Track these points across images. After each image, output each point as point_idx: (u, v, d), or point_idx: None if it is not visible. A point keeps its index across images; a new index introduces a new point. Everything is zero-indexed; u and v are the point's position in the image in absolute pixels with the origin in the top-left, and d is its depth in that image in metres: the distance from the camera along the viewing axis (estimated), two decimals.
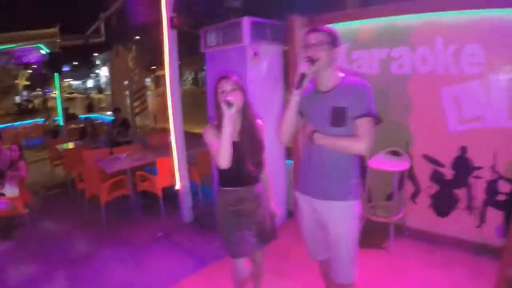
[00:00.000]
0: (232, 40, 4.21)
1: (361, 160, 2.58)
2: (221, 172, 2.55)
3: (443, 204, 4.01)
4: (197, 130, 7.26)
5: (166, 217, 5.25)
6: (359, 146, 2.18)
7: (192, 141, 5.17)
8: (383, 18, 4.06)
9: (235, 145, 2.40)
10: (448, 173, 3.93)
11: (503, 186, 3.60)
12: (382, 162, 4.00)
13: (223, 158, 2.33)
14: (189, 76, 35.15)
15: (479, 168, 3.71)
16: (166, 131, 5.04)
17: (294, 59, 4.43)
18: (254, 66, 4.20)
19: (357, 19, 4.23)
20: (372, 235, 4.09)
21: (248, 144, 2.53)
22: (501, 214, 3.65)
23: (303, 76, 2.21)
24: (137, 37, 12.85)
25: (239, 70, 4.13)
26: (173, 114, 4.71)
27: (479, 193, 3.76)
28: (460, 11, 3.60)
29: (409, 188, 4.19)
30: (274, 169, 4.44)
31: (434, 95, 3.85)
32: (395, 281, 3.41)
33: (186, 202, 4.97)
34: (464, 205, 3.86)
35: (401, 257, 3.80)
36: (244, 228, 2.60)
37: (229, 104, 2.30)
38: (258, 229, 2.64)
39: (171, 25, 4.47)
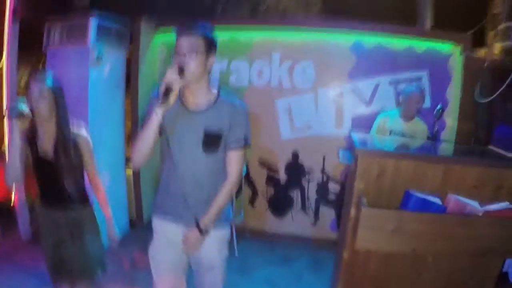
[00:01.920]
0: (76, 40, 3.68)
1: None
2: (39, 189, 2.19)
3: (279, 205, 4.21)
4: None
5: (3, 236, 4.20)
6: (235, 186, 1.96)
7: None
8: (226, 32, 4.01)
9: (46, 162, 2.02)
10: (282, 177, 4.14)
11: (332, 186, 3.95)
12: None
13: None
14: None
15: (310, 171, 4.00)
16: None
17: (137, 66, 4.12)
18: (96, 70, 3.72)
19: None
20: None
21: (62, 161, 2.05)
22: (332, 211, 3.95)
23: (168, 89, 1.68)
24: None
25: (80, 73, 3.66)
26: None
27: (312, 194, 4.05)
28: (295, 33, 3.87)
29: (247, 192, 4.25)
30: (113, 178, 3.98)
31: (269, 106, 4.03)
32: (241, 281, 3.37)
33: (23, 217, 4.11)
34: (299, 205, 4.10)
35: (245, 257, 3.78)
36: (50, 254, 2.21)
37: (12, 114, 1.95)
38: (55, 261, 2.18)
39: (13, 16, 3.70)
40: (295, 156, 4.00)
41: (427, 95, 3.59)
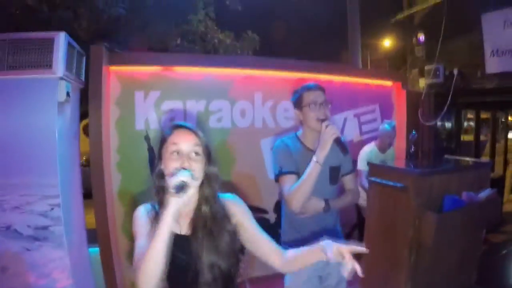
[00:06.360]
0: (33, 66, 2.36)
1: None
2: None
3: None
4: None
5: None
6: (355, 199, 2.32)
7: None
8: (201, 69, 3.52)
9: (184, 242, 1.32)
10: (272, 217, 3.82)
11: None
12: None
13: (146, 275, 1.18)
14: None
15: None
16: None
17: (99, 104, 2.95)
18: (63, 112, 2.52)
19: (173, 65, 3.42)
20: None
21: (207, 240, 1.35)
22: None
23: (340, 139, 1.97)
24: None
25: (42, 119, 2.42)
26: None
27: None
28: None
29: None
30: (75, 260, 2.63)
31: (255, 146, 3.74)
32: None
33: None
34: None
35: None
36: None
37: (181, 187, 1.20)
38: None
39: None
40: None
41: (378, 121, 4.21)
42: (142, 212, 1.37)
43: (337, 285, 2.21)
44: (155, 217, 1.32)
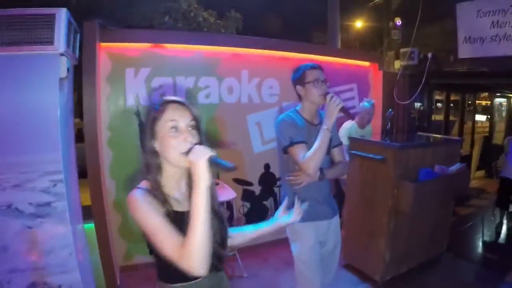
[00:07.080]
0: (33, 42, 2.33)
1: None
2: (162, 260, 1.25)
3: (255, 217, 4.08)
4: None
5: None
6: (344, 169, 2.45)
7: None
8: (191, 46, 3.57)
9: (186, 218, 1.23)
10: (257, 189, 4.00)
11: None
12: None
13: (199, 260, 1.17)
14: None
15: (280, 179, 4.01)
16: None
17: (93, 80, 2.95)
18: (63, 90, 2.54)
19: (164, 43, 3.46)
20: None
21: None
22: None
23: (344, 108, 2.12)
24: None
25: (44, 95, 2.40)
26: None
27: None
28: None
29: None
30: (76, 236, 2.63)
31: (241, 122, 3.88)
32: None
33: None
34: (273, 211, 4.00)
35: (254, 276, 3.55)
36: None
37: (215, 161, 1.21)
38: None
39: None
40: (267, 166, 4.01)
41: (356, 100, 4.45)
42: (144, 196, 1.27)
43: (334, 248, 2.43)
44: (157, 201, 1.28)
